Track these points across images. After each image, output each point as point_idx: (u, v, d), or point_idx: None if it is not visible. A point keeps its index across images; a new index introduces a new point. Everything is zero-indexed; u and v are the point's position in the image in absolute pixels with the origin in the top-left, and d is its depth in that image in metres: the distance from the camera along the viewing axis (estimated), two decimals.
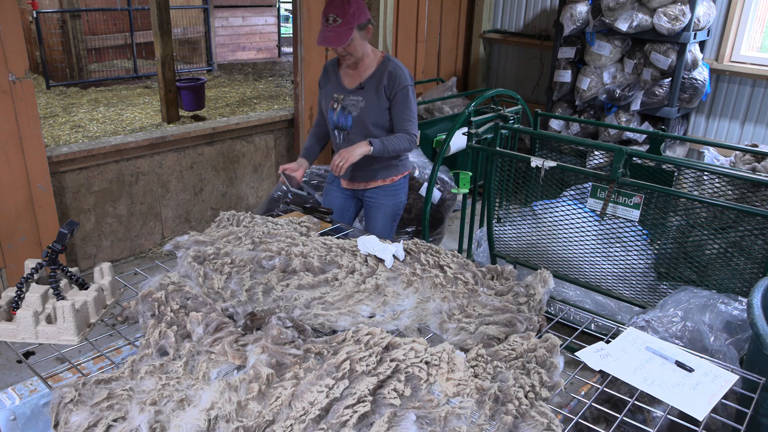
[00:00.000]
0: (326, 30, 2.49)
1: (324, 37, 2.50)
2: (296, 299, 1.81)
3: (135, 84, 7.50)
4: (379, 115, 2.69)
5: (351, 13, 2.47)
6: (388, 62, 2.68)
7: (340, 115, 2.75)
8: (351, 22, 2.47)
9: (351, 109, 2.71)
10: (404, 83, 2.64)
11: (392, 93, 2.65)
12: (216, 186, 4.61)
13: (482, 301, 1.81)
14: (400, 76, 2.64)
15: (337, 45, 2.48)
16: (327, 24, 2.49)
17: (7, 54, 3.09)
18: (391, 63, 2.68)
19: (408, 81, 2.66)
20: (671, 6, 4.09)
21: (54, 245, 1.78)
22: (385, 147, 2.60)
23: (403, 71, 2.67)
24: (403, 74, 2.65)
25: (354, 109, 2.70)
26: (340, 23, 2.46)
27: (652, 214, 2.87)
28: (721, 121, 4.72)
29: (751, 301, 1.92)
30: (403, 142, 2.67)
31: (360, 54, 2.61)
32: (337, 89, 2.76)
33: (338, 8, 2.47)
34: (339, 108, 2.75)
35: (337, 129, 2.81)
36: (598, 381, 1.68)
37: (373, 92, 2.67)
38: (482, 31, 5.93)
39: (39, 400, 1.58)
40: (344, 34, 2.47)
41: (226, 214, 2.36)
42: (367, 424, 1.30)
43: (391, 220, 2.97)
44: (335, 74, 2.79)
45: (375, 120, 2.70)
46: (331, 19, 2.47)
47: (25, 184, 3.33)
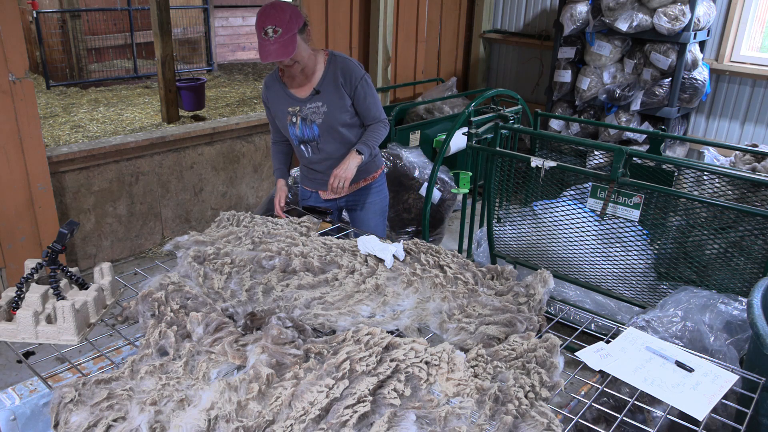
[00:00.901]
0: (268, 44, 2.28)
1: (268, 52, 2.29)
2: (296, 299, 1.81)
3: (135, 84, 7.50)
4: (346, 114, 2.56)
5: (288, 20, 2.29)
6: (335, 58, 2.53)
7: (303, 127, 2.58)
8: (292, 28, 2.30)
9: (313, 117, 2.55)
10: (360, 74, 2.52)
11: (352, 88, 2.52)
12: (216, 186, 4.61)
13: (482, 301, 1.81)
14: (354, 69, 2.52)
15: (285, 57, 2.29)
16: (266, 37, 2.28)
17: (7, 54, 3.09)
18: (339, 58, 2.54)
19: (362, 71, 2.55)
20: (671, 6, 4.09)
21: (54, 245, 1.78)
22: (371, 147, 2.54)
23: (354, 63, 2.55)
24: (355, 66, 2.53)
25: (317, 117, 2.55)
26: (281, 33, 2.28)
27: (652, 214, 2.87)
28: (721, 121, 4.72)
29: (751, 301, 1.92)
30: (380, 132, 2.59)
31: (306, 60, 2.45)
32: (290, 102, 2.57)
33: (274, 18, 2.28)
34: (299, 121, 2.58)
35: (304, 143, 2.64)
36: (598, 381, 1.68)
37: (332, 93, 2.52)
38: (482, 31, 5.93)
39: (39, 400, 1.58)
40: (289, 43, 2.29)
41: (226, 214, 2.36)
42: (367, 424, 1.30)
43: (381, 217, 2.93)
44: (281, 88, 2.59)
45: (343, 121, 2.57)
46: (271, 30, 2.27)
47: (25, 184, 3.33)
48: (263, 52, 2.31)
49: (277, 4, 2.33)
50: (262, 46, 2.30)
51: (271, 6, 2.32)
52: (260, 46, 2.31)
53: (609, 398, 2.03)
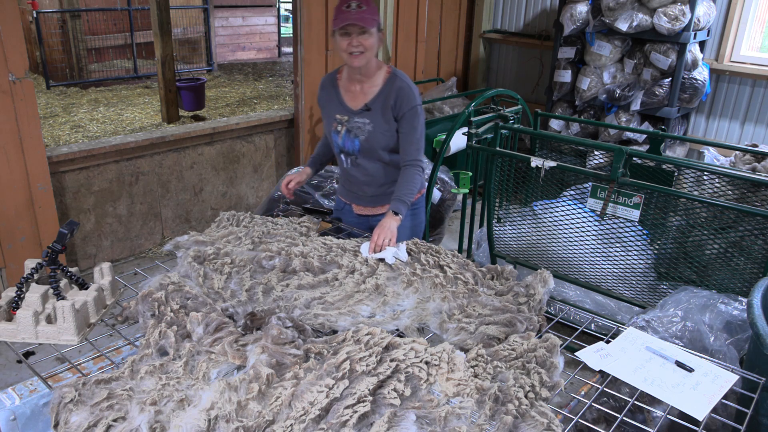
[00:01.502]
0: (348, 13, 2.24)
1: (347, 17, 2.24)
2: (296, 299, 1.81)
3: (135, 84, 7.50)
4: (389, 138, 2.44)
5: (373, 7, 2.29)
6: (395, 79, 2.42)
7: (346, 138, 2.48)
8: (374, 13, 2.28)
9: (357, 132, 2.45)
10: (413, 103, 2.39)
11: (400, 113, 2.40)
12: (216, 186, 4.61)
13: (482, 301, 1.81)
14: (409, 96, 2.39)
15: (364, 24, 2.23)
16: (348, 9, 2.24)
17: (7, 54, 3.09)
18: (398, 80, 2.42)
19: (417, 101, 2.42)
20: (671, 6, 4.09)
21: (54, 245, 1.78)
22: (407, 202, 2.38)
23: (412, 89, 2.42)
24: (411, 93, 2.40)
25: (361, 133, 2.44)
26: (365, 10, 2.24)
27: (652, 214, 2.87)
28: (721, 121, 4.72)
29: (751, 301, 1.92)
30: (415, 180, 2.43)
31: (371, 57, 2.35)
32: (340, 110, 2.48)
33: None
34: (344, 131, 2.47)
35: (343, 153, 2.55)
36: (598, 381, 1.68)
37: (380, 113, 2.41)
38: (482, 31, 5.93)
39: (39, 400, 1.58)
40: (369, 18, 2.25)
41: (226, 214, 2.36)
42: (367, 424, 1.30)
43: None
44: (335, 92, 2.51)
45: (384, 144, 2.45)
46: (355, 4, 2.23)
47: (25, 184, 3.33)
48: (340, 17, 2.26)
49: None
50: (340, 16, 2.25)
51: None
52: (336, 16, 2.27)
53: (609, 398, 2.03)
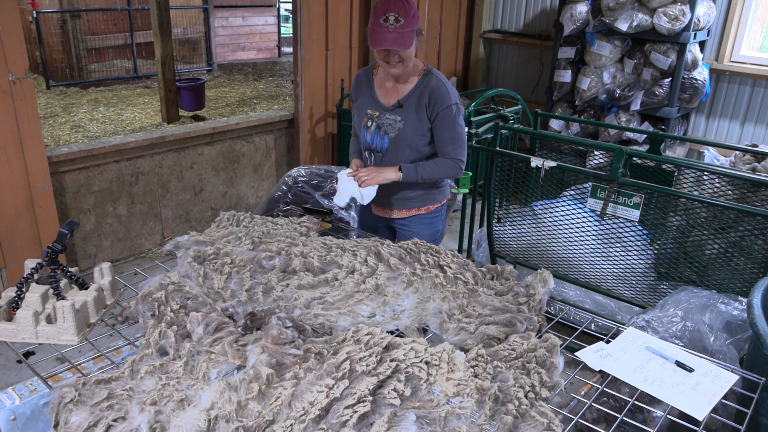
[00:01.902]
0: (385, 30, 2.14)
1: (384, 39, 2.14)
2: (296, 299, 1.81)
3: (135, 84, 7.50)
4: (420, 137, 2.37)
5: (413, 15, 2.17)
6: (430, 77, 2.34)
7: (375, 135, 2.41)
8: (413, 24, 2.17)
9: (388, 129, 2.38)
10: (448, 102, 2.30)
11: (434, 113, 2.31)
12: (216, 186, 4.61)
13: (482, 301, 1.81)
14: (444, 94, 2.30)
15: (401, 47, 2.16)
16: (385, 24, 2.14)
17: (7, 54, 3.09)
18: (434, 77, 2.33)
19: (453, 99, 2.32)
20: (671, 6, 4.09)
21: (54, 245, 1.78)
22: (419, 174, 2.29)
23: (447, 87, 2.32)
24: (447, 91, 2.31)
25: (391, 130, 2.37)
26: (403, 24, 2.14)
27: (652, 214, 2.87)
28: (721, 121, 4.72)
29: (751, 301, 1.92)
30: (444, 169, 2.33)
31: (410, 64, 2.30)
32: (372, 105, 2.41)
33: (399, 7, 2.15)
34: (374, 127, 2.41)
35: (369, 150, 2.48)
36: (598, 381, 1.68)
37: (414, 111, 2.33)
38: (482, 31, 5.93)
39: (39, 400, 1.58)
40: (407, 36, 2.15)
41: (226, 214, 2.36)
42: (367, 424, 1.30)
43: None
44: (369, 87, 2.44)
45: (414, 143, 2.38)
46: (392, 18, 2.13)
47: (25, 184, 3.33)
48: (377, 37, 2.16)
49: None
50: (376, 32, 2.16)
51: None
52: (374, 32, 2.16)
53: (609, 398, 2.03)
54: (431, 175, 2.31)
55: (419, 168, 2.30)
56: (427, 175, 2.31)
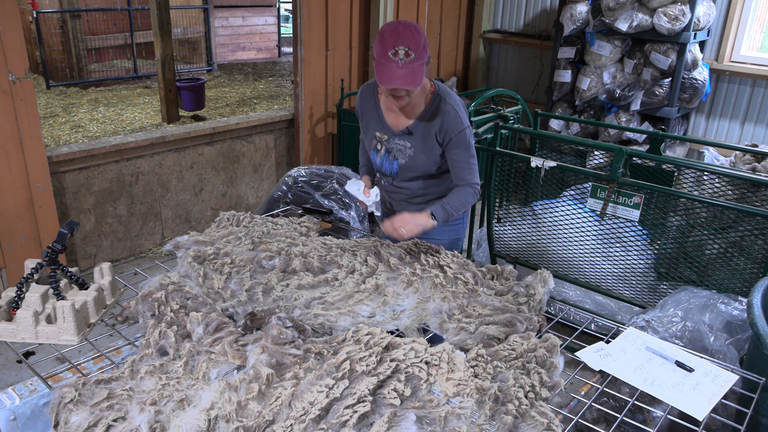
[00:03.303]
0: (395, 66, 1.97)
1: (394, 76, 1.98)
2: (296, 299, 1.81)
3: (135, 84, 7.49)
4: (431, 162, 2.27)
5: (423, 46, 1.99)
6: (439, 101, 2.19)
7: (385, 159, 2.32)
8: (423, 56, 2.00)
9: (397, 154, 2.28)
10: (460, 126, 2.17)
11: (447, 139, 2.19)
12: (216, 186, 4.61)
13: (482, 301, 1.81)
14: (455, 120, 2.17)
15: (413, 86, 2.00)
16: (394, 59, 1.97)
17: (7, 54, 3.09)
18: (444, 103, 2.18)
19: (464, 123, 2.19)
20: (671, 6, 4.09)
21: (54, 245, 1.78)
22: (449, 213, 2.16)
23: (458, 112, 2.18)
24: (458, 116, 2.17)
25: (401, 156, 2.27)
26: (414, 58, 1.97)
27: (652, 214, 2.87)
28: (721, 121, 4.71)
29: (751, 301, 1.92)
30: (468, 198, 2.21)
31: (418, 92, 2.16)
32: (380, 128, 2.29)
33: (410, 40, 1.97)
34: (383, 150, 2.31)
35: (381, 173, 2.41)
36: (598, 381, 1.68)
37: (424, 138, 2.21)
38: (482, 31, 5.93)
39: (39, 400, 1.58)
40: (418, 71, 1.99)
41: (226, 214, 2.36)
42: (367, 424, 1.30)
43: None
44: (375, 107, 2.31)
45: (425, 169, 2.29)
46: (403, 52, 1.96)
47: (25, 184, 3.33)
48: (387, 74, 1.99)
49: (411, 25, 2.03)
50: (386, 67, 1.99)
51: (405, 26, 2.01)
52: (383, 67, 1.99)
53: (609, 398, 2.03)
54: (458, 209, 2.20)
55: (447, 206, 2.16)
56: (455, 211, 2.19)
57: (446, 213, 2.15)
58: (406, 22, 2.02)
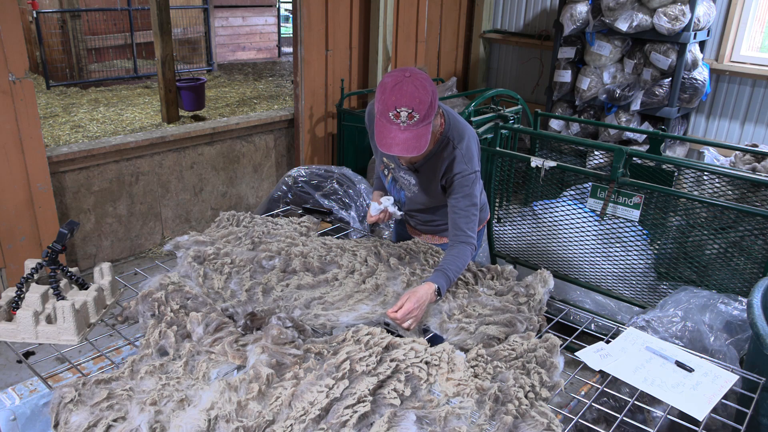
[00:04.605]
0: (396, 130, 1.75)
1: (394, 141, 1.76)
2: (296, 299, 1.81)
3: (135, 84, 7.49)
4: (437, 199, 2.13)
5: (429, 105, 1.75)
6: (447, 145, 1.99)
7: (392, 186, 2.23)
8: (430, 115, 1.76)
9: (403, 186, 2.17)
10: (464, 171, 1.97)
11: (448, 182, 2.03)
12: (216, 186, 4.61)
13: (482, 301, 1.81)
14: (459, 164, 1.97)
15: (416, 152, 1.77)
16: (396, 121, 1.75)
17: (7, 54, 3.09)
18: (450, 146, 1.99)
19: (470, 168, 1.97)
20: (671, 6, 4.09)
21: (54, 245, 1.78)
22: (451, 280, 1.92)
23: (465, 157, 1.97)
24: (462, 161, 1.97)
25: (407, 189, 2.17)
26: (418, 120, 1.74)
27: (652, 214, 2.87)
28: (721, 121, 4.71)
29: (751, 301, 1.92)
30: (466, 257, 1.96)
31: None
32: (387, 155, 2.13)
33: (413, 98, 1.73)
34: (390, 178, 2.21)
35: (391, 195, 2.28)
36: (598, 381, 1.68)
37: (428, 179, 2.07)
38: (482, 31, 5.93)
39: (39, 400, 1.58)
40: (423, 135, 1.76)
41: (226, 214, 2.36)
42: (367, 424, 1.30)
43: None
44: None
45: (433, 204, 2.17)
46: (405, 114, 1.73)
47: (25, 184, 3.33)
48: (387, 138, 1.77)
49: (417, 77, 1.76)
50: (386, 129, 1.77)
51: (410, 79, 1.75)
52: (383, 128, 1.78)
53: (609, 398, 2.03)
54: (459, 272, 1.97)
55: (449, 273, 1.91)
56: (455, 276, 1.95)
57: (449, 280, 1.91)
58: (413, 73, 1.77)
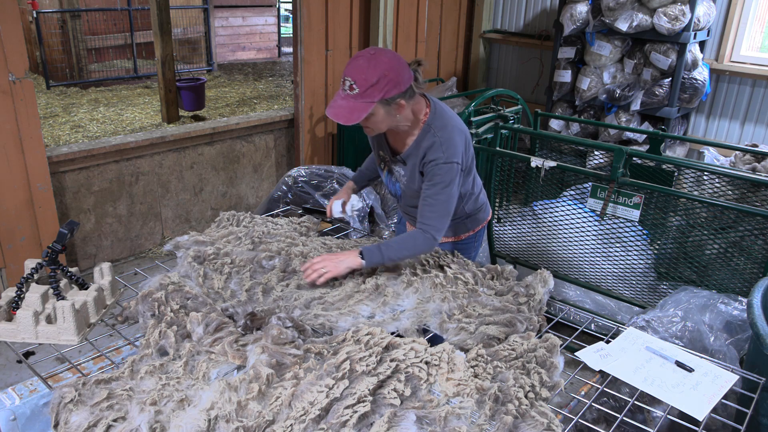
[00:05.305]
0: (338, 96, 1.86)
1: (333, 104, 1.86)
2: (296, 299, 1.81)
3: (135, 84, 7.49)
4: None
5: (374, 84, 1.79)
6: (428, 132, 1.98)
7: (388, 179, 2.21)
8: (372, 95, 1.80)
9: (397, 177, 2.16)
10: (438, 159, 1.94)
11: (424, 169, 1.99)
12: (216, 186, 4.61)
13: (482, 301, 1.81)
14: (436, 151, 1.94)
15: (342, 121, 1.83)
16: (342, 87, 1.84)
17: (7, 54, 3.09)
18: (430, 134, 1.97)
19: (446, 158, 1.93)
20: (671, 6, 4.09)
21: (54, 245, 1.78)
22: (384, 257, 1.90)
23: (443, 144, 1.94)
24: (441, 148, 1.94)
25: (400, 182, 2.16)
26: (356, 94, 1.80)
27: (652, 214, 2.87)
28: (721, 121, 4.71)
29: (751, 301, 1.92)
30: (415, 245, 1.94)
31: (385, 128, 1.97)
32: (382, 146, 2.14)
33: (360, 72, 1.79)
34: (386, 171, 2.20)
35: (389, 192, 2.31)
36: (598, 381, 1.69)
37: (412, 169, 2.05)
38: (482, 31, 5.93)
39: (39, 400, 1.58)
40: (357, 109, 1.81)
41: (226, 214, 2.36)
42: (367, 424, 1.30)
43: None
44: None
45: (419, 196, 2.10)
46: (348, 84, 1.80)
47: (25, 184, 3.33)
48: (332, 102, 1.88)
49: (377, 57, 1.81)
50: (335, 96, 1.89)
51: (368, 57, 1.82)
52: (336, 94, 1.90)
53: (609, 398, 2.03)
54: (399, 254, 1.94)
55: (383, 249, 1.91)
56: (393, 255, 1.93)
57: (381, 256, 1.90)
58: (377, 52, 1.83)
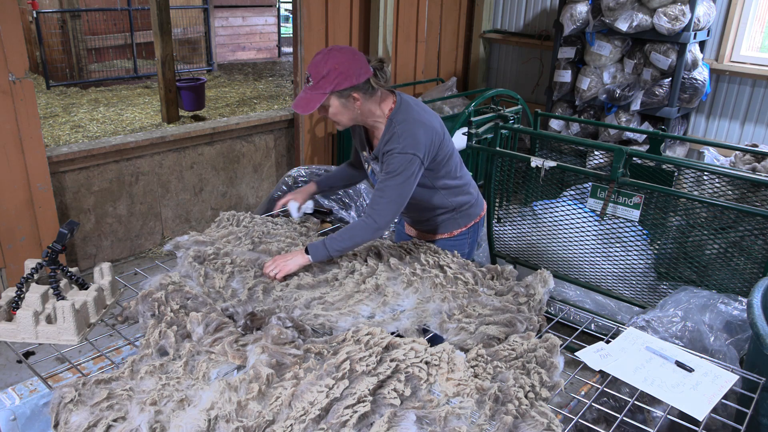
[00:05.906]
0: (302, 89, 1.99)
1: (298, 96, 1.99)
2: (296, 299, 1.81)
3: (135, 84, 7.49)
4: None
5: (324, 76, 1.91)
6: (390, 126, 2.03)
7: (372, 177, 2.26)
8: (323, 86, 1.91)
9: (376, 174, 2.18)
10: (395, 148, 1.96)
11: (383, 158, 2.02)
12: (216, 186, 4.61)
13: (482, 301, 1.81)
14: (394, 141, 1.98)
15: (299, 111, 1.95)
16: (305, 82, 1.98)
17: (7, 54, 3.09)
18: (393, 124, 2.01)
19: (402, 148, 1.95)
20: (671, 6, 4.09)
21: (54, 245, 1.78)
22: (329, 250, 1.97)
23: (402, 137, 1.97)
24: (399, 137, 1.97)
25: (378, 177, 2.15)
26: (311, 85, 1.93)
27: (652, 214, 2.87)
28: (721, 121, 4.71)
29: (751, 301, 1.92)
30: (356, 233, 1.98)
31: (348, 122, 2.04)
32: (361, 145, 2.23)
33: (315, 66, 1.94)
34: (370, 169, 2.24)
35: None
36: (598, 381, 1.69)
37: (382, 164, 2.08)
38: (482, 31, 5.93)
39: (39, 400, 1.58)
40: (312, 100, 1.93)
41: (226, 214, 2.36)
42: (367, 424, 1.30)
43: None
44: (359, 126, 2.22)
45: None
46: (306, 77, 1.96)
47: (25, 184, 3.33)
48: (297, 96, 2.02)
49: (332, 51, 1.95)
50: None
51: (326, 52, 1.96)
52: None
53: (609, 398, 2.03)
54: (342, 245, 1.99)
55: (327, 243, 1.98)
56: (338, 246, 1.98)
57: (325, 250, 1.97)
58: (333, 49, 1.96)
